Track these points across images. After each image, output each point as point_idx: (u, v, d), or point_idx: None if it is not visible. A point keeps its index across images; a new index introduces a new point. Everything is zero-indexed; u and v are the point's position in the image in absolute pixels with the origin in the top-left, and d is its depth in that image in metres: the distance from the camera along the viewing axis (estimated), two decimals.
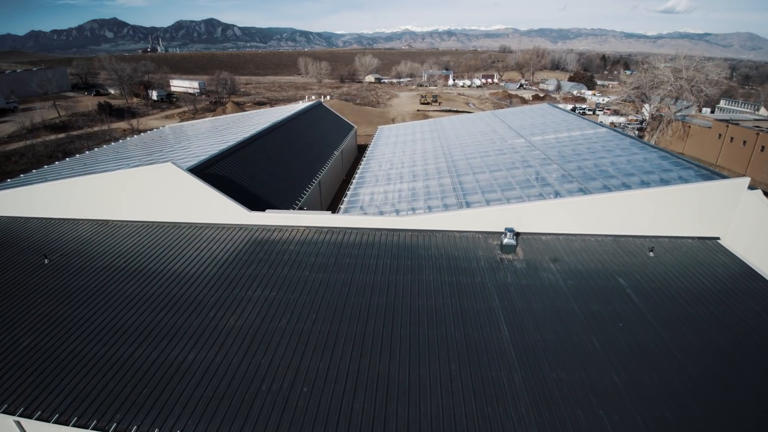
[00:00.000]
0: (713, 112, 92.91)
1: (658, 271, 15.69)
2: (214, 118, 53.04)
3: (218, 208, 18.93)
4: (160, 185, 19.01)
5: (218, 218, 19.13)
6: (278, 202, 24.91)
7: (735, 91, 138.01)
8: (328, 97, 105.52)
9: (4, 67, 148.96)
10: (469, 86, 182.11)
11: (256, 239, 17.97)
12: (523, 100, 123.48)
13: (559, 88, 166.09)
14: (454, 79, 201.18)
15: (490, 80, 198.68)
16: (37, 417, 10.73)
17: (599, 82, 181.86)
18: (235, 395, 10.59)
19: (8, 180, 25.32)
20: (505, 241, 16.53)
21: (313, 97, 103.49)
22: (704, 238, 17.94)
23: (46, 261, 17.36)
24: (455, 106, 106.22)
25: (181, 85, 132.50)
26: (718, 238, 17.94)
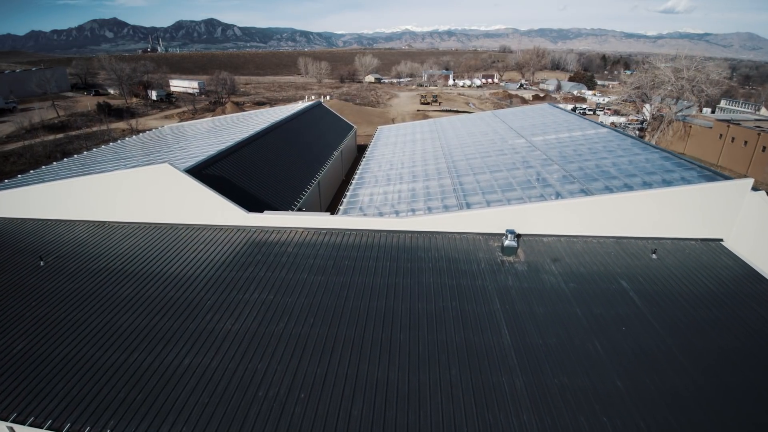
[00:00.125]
0: (713, 112, 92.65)
1: (661, 273, 15.49)
2: (213, 119, 52.84)
3: (216, 210, 18.72)
4: (156, 186, 18.81)
5: (216, 220, 18.92)
6: (277, 203, 24.70)
7: (735, 91, 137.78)
8: (328, 97, 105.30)
9: (4, 67, 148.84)
10: (469, 86, 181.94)
11: (253, 241, 17.76)
12: (524, 100, 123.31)
13: (559, 88, 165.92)
14: (454, 79, 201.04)
15: (490, 80, 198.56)
16: (30, 423, 10.55)
17: (599, 82, 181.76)
18: (231, 401, 10.38)
19: (5, 181, 25.11)
20: (506, 242, 16.30)
21: (313, 97, 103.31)
22: (707, 239, 17.74)
23: (42, 263, 17.16)
24: (455, 106, 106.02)
25: (181, 85, 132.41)
26: (722, 240, 17.73)
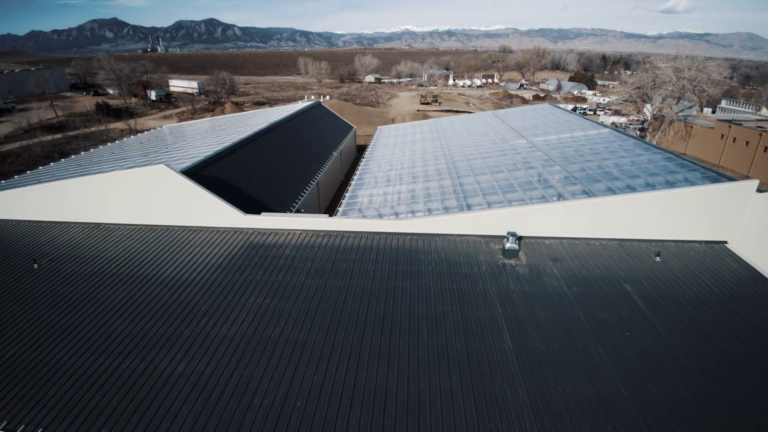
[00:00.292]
0: (714, 112, 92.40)
1: (665, 276, 15.22)
2: (212, 119, 52.58)
3: (212, 211, 18.45)
4: (152, 187, 18.54)
5: (212, 221, 18.65)
6: (275, 204, 24.44)
7: (736, 91, 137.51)
8: (328, 97, 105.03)
9: (3, 67, 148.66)
10: (470, 86, 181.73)
11: (250, 243, 17.49)
12: (524, 100, 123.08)
13: (559, 88, 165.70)
14: (454, 79, 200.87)
15: (490, 80, 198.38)
16: (21, 431, 10.28)
17: (600, 82, 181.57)
18: (226, 410, 10.11)
19: (2, 182, 24.85)
20: (507, 245, 16.03)
21: (313, 97, 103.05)
22: (711, 242, 17.47)
23: (36, 266, 16.89)
24: (455, 106, 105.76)
25: (180, 85, 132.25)
26: (726, 242, 17.47)
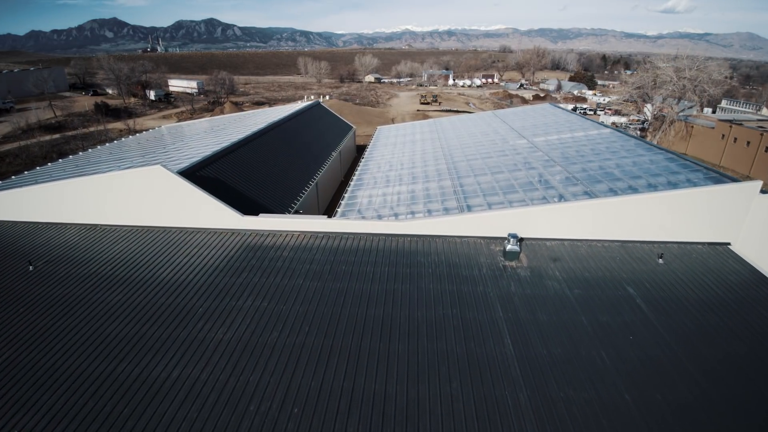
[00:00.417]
0: (714, 112, 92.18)
1: (668, 279, 15.00)
2: (211, 119, 52.37)
3: (210, 213, 18.23)
4: (149, 188, 18.32)
5: (210, 223, 18.43)
6: (274, 205, 24.22)
7: (736, 91, 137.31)
8: (327, 97, 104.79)
9: (2, 67, 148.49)
10: (470, 86, 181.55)
11: (248, 245, 17.27)
12: (524, 100, 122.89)
13: (559, 88, 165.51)
14: (454, 79, 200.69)
15: (490, 80, 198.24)
16: None
17: (600, 82, 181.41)
18: (221, 417, 9.88)
19: None
20: (509, 247, 15.80)
21: (312, 96, 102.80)
22: (714, 243, 17.25)
23: (31, 268, 16.67)
24: (455, 106, 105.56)
25: (180, 84, 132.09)
26: (729, 244, 17.25)
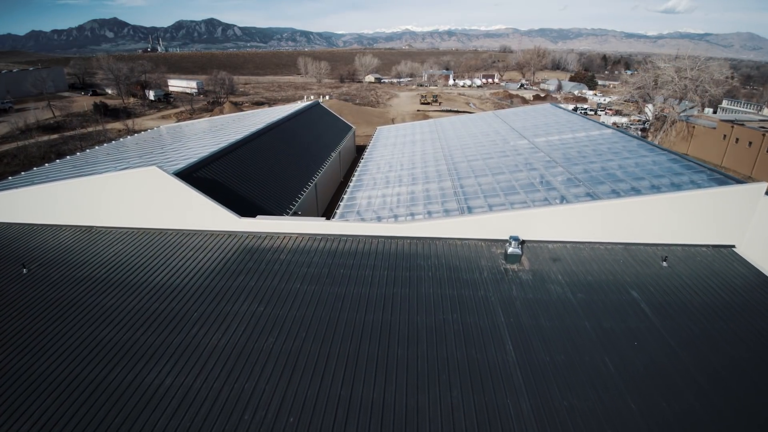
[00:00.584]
0: (715, 112, 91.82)
1: (673, 282, 14.72)
2: (211, 119, 52.10)
3: (206, 214, 17.95)
4: (144, 190, 18.04)
5: (206, 225, 18.16)
6: (272, 206, 23.94)
7: (737, 91, 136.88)
8: (327, 97, 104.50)
9: (2, 67, 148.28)
10: (470, 86, 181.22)
11: (245, 247, 16.99)
12: (524, 100, 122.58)
13: (560, 88, 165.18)
14: (454, 79, 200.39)
15: (490, 80, 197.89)
16: None
17: (600, 82, 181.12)
18: (215, 426, 9.59)
19: None
20: (510, 250, 15.51)
21: (312, 97, 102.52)
22: (719, 246, 16.97)
23: (25, 270, 16.41)
24: (456, 106, 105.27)
25: (179, 84, 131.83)
26: (733, 246, 16.98)
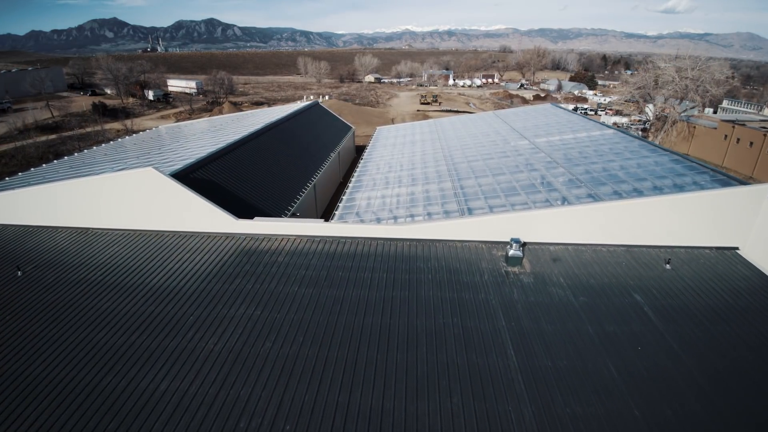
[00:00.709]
0: (715, 112, 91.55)
1: (676, 285, 14.49)
2: (209, 119, 51.89)
3: (203, 216, 17.73)
4: (141, 191, 17.82)
5: (203, 226, 17.93)
6: (270, 207, 23.72)
7: (737, 91, 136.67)
8: (327, 97, 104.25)
9: (1, 67, 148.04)
10: (470, 86, 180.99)
11: (243, 249, 16.77)
12: (524, 100, 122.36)
13: (560, 88, 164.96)
14: (454, 79, 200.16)
15: (490, 80, 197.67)
16: None
17: (600, 82, 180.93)
18: None
19: None
20: (511, 252, 15.29)
21: (312, 96, 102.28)
22: (722, 248, 16.75)
23: (20, 273, 16.19)
24: (456, 106, 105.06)
25: (179, 84, 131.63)
26: (737, 248, 16.76)
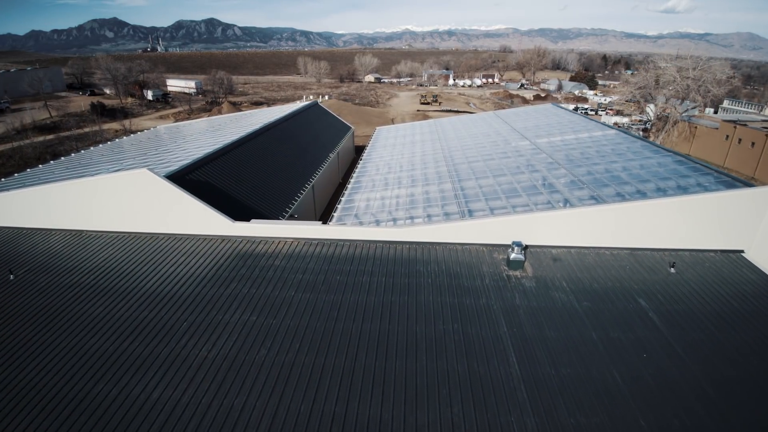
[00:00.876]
0: (716, 112, 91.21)
1: (681, 290, 14.19)
2: (208, 119, 51.58)
3: (198, 218, 17.41)
4: (135, 193, 17.50)
5: (199, 229, 17.62)
6: (268, 209, 23.41)
7: (738, 92, 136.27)
8: (326, 97, 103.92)
9: (0, 67, 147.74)
10: (470, 86, 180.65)
11: (238, 252, 16.46)
12: (525, 100, 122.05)
13: (560, 88, 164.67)
14: (454, 79, 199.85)
15: (490, 80, 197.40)
16: None
17: (601, 82, 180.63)
18: None
19: None
20: (513, 256, 14.98)
21: (311, 96, 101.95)
22: (727, 251, 16.45)
23: (12, 276, 15.88)
24: (456, 106, 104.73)
25: (178, 84, 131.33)
26: (742, 251, 16.45)
